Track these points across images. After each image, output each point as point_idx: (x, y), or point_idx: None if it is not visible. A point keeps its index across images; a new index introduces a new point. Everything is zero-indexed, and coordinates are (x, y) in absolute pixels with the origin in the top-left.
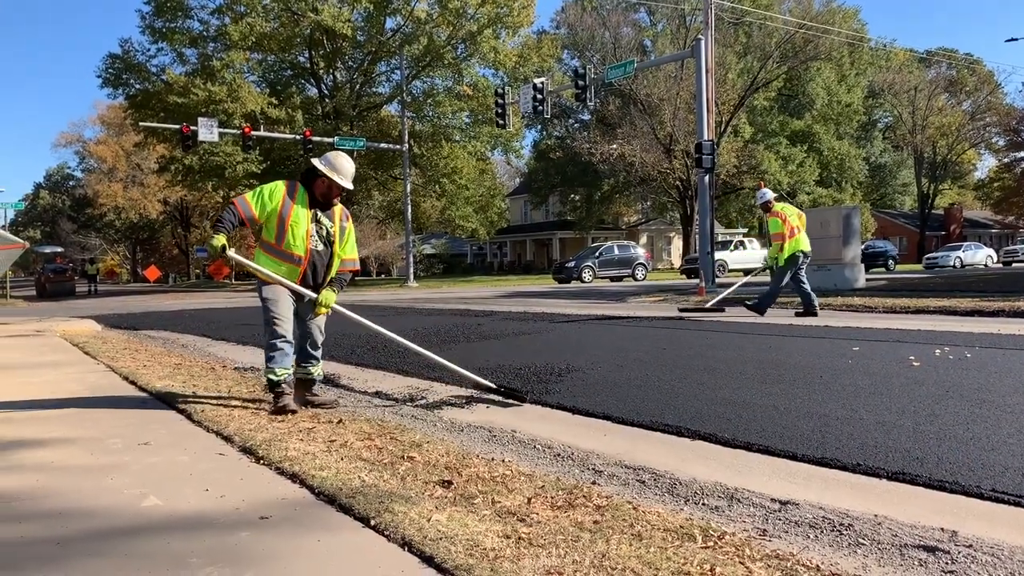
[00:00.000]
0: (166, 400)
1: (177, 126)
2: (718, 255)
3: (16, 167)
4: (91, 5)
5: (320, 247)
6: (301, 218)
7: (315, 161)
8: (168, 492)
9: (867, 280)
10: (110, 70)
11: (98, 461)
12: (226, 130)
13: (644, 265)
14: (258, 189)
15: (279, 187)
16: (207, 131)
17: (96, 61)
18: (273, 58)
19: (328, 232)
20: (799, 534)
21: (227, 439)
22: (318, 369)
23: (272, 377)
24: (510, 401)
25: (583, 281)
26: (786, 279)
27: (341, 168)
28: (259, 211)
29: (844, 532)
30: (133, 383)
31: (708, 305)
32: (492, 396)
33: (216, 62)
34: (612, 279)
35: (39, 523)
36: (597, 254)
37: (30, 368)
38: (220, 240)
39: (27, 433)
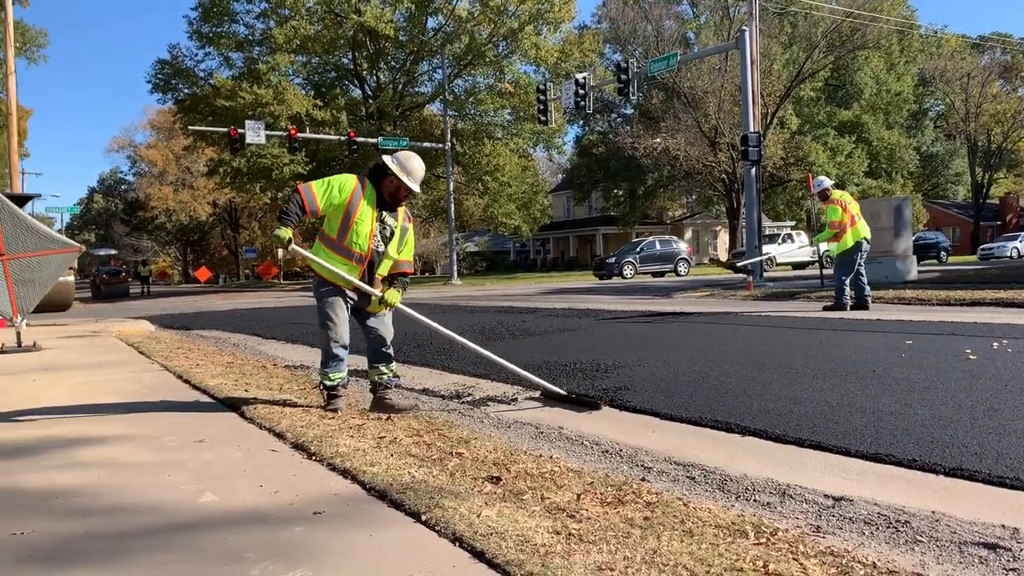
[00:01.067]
0: (219, 398)
1: (225, 129)
2: (765, 249)
3: (71, 173)
4: (140, 11)
5: (382, 248)
6: (367, 216)
7: (386, 159)
8: (223, 488)
9: (919, 272)
10: (159, 75)
11: (155, 458)
12: (273, 132)
13: (686, 260)
14: (327, 180)
15: (350, 181)
16: (254, 134)
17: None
18: (317, 60)
19: (391, 232)
20: (854, 531)
21: (279, 436)
22: (392, 369)
23: (328, 382)
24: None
25: (624, 277)
26: (853, 269)
27: (412, 169)
28: (324, 204)
29: (900, 529)
30: (187, 382)
31: (739, 265)
32: (552, 400)
33: (262, 65)
34: (654, 275)
35: (101, 518)
36: (638, 249)
37: (88, 368)
38: (286, 233)
39: (87, 431)
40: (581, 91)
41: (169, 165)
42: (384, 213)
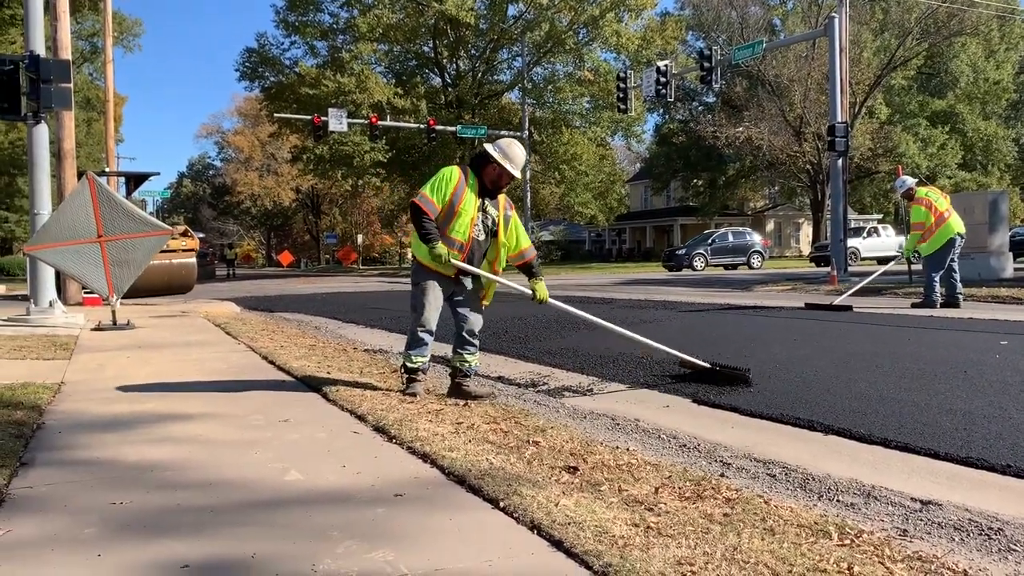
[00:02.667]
0: (302, 380)
1: (309, 117)
2: (850, 242)
3: (162, 158)
4: (229, 1)
5: (481, 236)
6: (470, 205)
7: (488, 147)
8: (308, 467)
9: (1015, 270)
10: (247, 64)
11: (242, 436)
12: (354, 120)
13: (760, 253)
14: (435, 180)
15: (455, 173)
16: (336, 121)
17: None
18: (399, 49)
19: (493, 222)
20: (943, 536)
21: (360, 418)
22: (475, 358)
23: (409, 364)
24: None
25: (694, 269)
26: (945, 265)
27: (514, 156)
28: (439, 201)
29: (993, 536)
30: (272, 363)
31: (835, 303)
32: (615, 384)
33: (345, 54)
34: (726, 267)
35: (191, 491)
36: (710, 241)
37: (178, 347)
38: (443, 249)
39: (178, 407)
40: (663, 79)
41: (255, 151)
42: (486, 202)
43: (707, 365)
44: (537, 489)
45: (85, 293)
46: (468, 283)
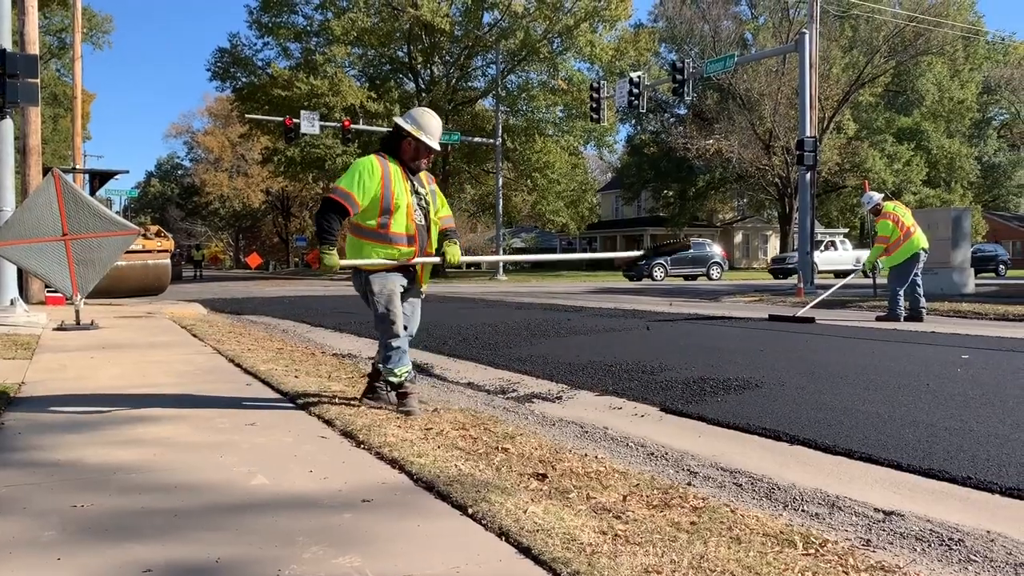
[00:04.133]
0: (270, 383)
1: (280, 118)
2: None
3: (130, 156)
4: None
5: (423, 220)
6: (403, 193)
7: (399, 120)
8: (274, 471)
9: (977, 286)
10: (219, 64)
11: (208, 439)
12: (327, 123)
13: (720, 264)
14: (354, 173)
15: (375, 163)
16: (309, 124)
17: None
18: (373, 53)
19: (426, 201)
20: (905, 546)
21: (328, 423)
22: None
23: (394, 379)
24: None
25: (653, 279)
26: (909, 279)
27: (428, 126)
28: (363, 198)
29: (954, 547)
30: (239, 366)
31: (798, 315)
32: (584, 392)
33: (319, 56)
34: (685, 278)
35: (156, 495)
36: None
37: (143, 348)
38: (334, 260)
39: (143, 409)
40: (635, 90)
41: (225, 152)
42: (414, 183)
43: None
44: (506, 496)
45: (48, 292)
46: (434, 260)
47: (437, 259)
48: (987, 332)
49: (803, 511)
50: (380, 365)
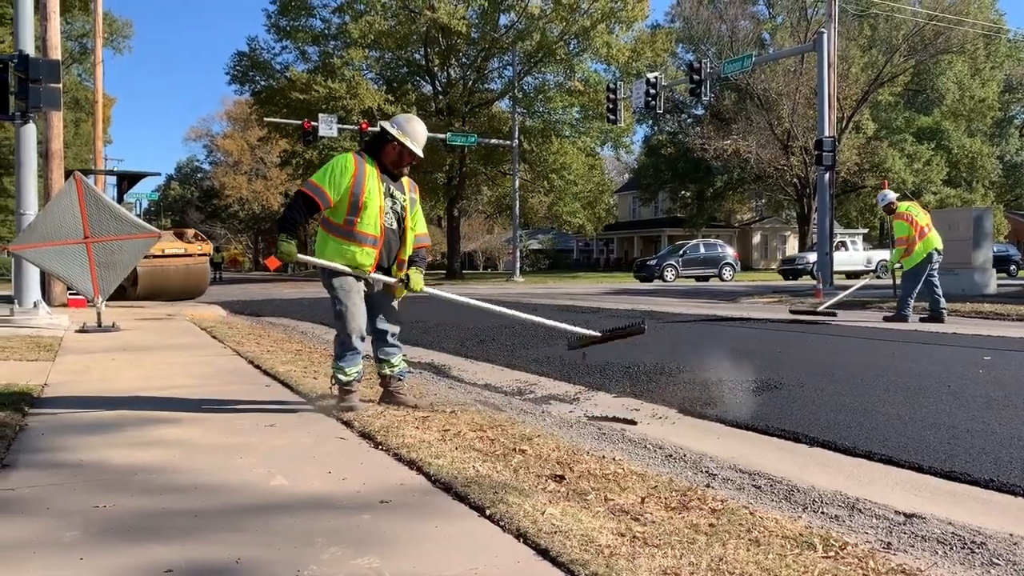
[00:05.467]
0: (289, 385)
1: (299, 122)
2: (815, 257)
3: (150, 160)
4: (221, 4)
5: (394, 224)
6: (374, 193)
7: (385, 125)
8: (293, 473)
9: (998, 286)
10: (237, 67)
11: (228, 440)
12: (345, 126)
13: (732, 265)
14: (327, 168)
15: (350, 160)
16: (327, 127)
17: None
18: (390, 55)
19: (401, 207)
20: (926, 549)
21: (347, 424)
22: (400, 360)
23: (342, 377)
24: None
25: (665, 280)
26: (921, 281)
27: (414, 133)
28: (334, 192)
29: (976, 550)
30: (258, 367)
31: (820, 308)
32: (602, 394)
33: (336, 59)
34: (697, 279)
35: (177, 495)
36: (681, 252)
37: (164, 350)
38: (290, 248)
39: (164, 411)
40: (652, 91)
41: (244, 155)
42: (391, 187)
43: (598, 334)
44: (523, 498)
45: (70, 294)
46: (392, 281)
47: (396, 281)
48: (1010, 333)
49: (823, 513)
50: (332, 361)
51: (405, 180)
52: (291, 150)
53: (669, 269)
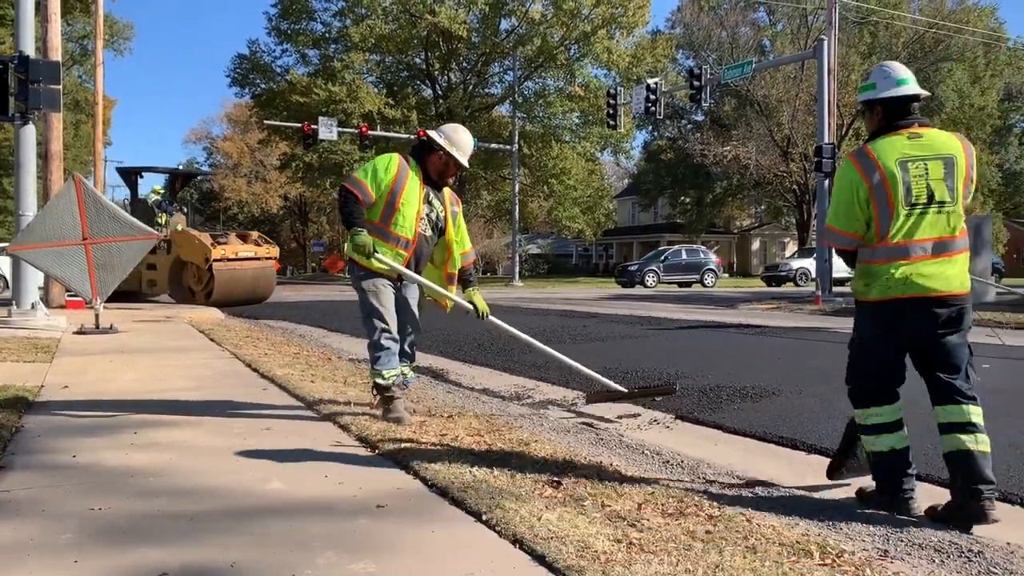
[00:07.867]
0: (287, 388)
1: (299, 125)
2: (802, 263)
3: (150, 162)
4: (222, 7)
5: (428, 232)
6: (413, 197)
7: (432, 133)
8: (289, 476)
9: (997, 294)
10: (238, 70)
11: (224, 443)
12: (345, 129)
13: (714, 271)
14: (370, 166)
15: (394, 160)
16: (327, 130)
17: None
18: (391, 59)
19: (439, 216)
20: (923, 557)
21: (344, 428)
22: (409, 369)
23: (380, 381)
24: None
25: (646, 286)
26: None
27: (460, 143)
28: (375, 190)
29: (973, 559)
30: (255, 370)
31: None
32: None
33: (337, 63)
34: (679, 285)
35: (172, 498)
36: (662, 258)
37: (162, 352)
38: (365, 238)
39: (161, 413)
40: (652, 96)
41: (243, 158)
42: (430, 193)
43: (623, 390)
44: (520, 503)
45: (68, 296)
46: (414, 288)
47: (468, 306)
48: (1008, 341)
49: (819, 521)
50: (369, 366)
51: (447, 192)
52: (291, 153)
53: (650, 275)
